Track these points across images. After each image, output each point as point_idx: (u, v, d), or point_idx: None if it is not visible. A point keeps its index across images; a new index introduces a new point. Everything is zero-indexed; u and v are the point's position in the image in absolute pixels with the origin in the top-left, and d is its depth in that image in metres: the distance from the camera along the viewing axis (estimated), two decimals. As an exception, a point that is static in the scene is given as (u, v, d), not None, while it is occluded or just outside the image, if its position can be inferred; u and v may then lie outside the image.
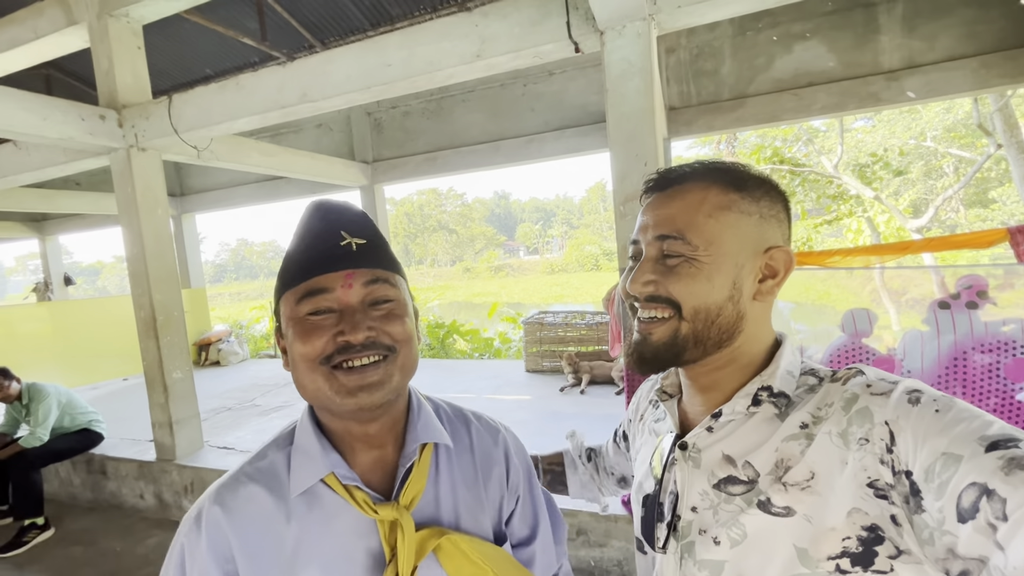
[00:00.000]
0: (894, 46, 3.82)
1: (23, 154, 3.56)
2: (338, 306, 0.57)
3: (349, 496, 0.58)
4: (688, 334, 0.57)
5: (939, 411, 0.46)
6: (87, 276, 44.70)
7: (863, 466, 0.48)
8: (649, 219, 0.60)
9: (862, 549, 0.47)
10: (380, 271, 0.60)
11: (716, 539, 0.55)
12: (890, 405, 0.49)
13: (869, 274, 11.23)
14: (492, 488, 0.68)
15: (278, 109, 2.79)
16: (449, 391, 4.73)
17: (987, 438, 0.43)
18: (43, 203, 6.16)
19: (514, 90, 5.15)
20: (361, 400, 0.56)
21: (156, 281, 3.26)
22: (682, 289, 0.56)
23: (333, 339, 0.56)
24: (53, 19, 3.29)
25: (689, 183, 0.59)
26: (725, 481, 0.57)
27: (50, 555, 3.02)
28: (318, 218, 0.61)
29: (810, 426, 0.53)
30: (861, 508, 0.48)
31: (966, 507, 0.41)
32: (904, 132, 12.03)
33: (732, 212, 0.57)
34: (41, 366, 5.47)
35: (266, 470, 0.61)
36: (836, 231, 12.30)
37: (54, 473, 3.76)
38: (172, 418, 3.32)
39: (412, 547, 0.57)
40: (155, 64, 4.94)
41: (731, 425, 0.59)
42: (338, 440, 0.62)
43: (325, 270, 0.57)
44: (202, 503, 0.58)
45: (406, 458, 0.62)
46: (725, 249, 0.57)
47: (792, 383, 0.58)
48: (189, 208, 7.21)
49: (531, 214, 62.64)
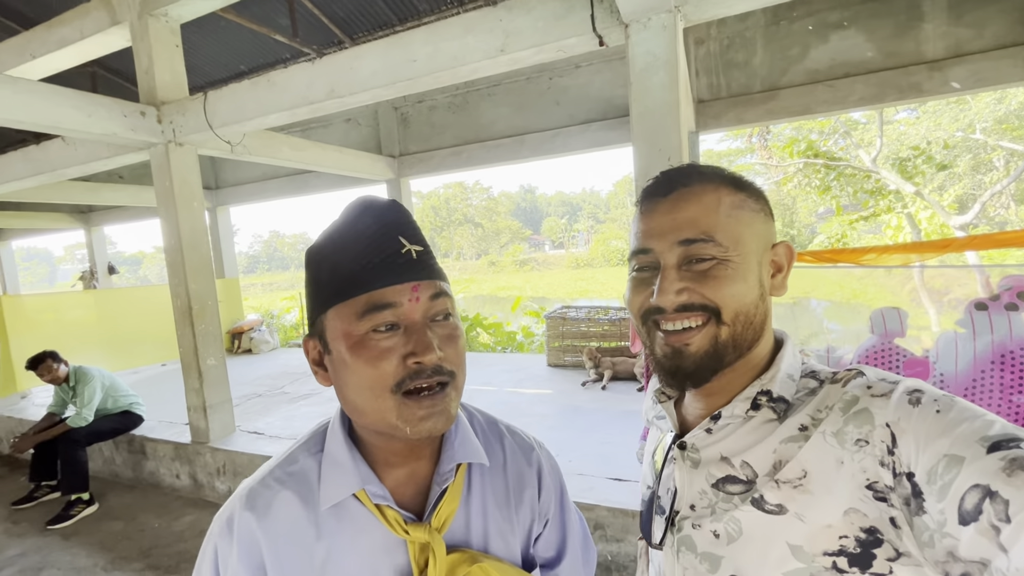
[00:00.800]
0: (939, 34, 3.64)
1: (70, 149, 3.74)
2: (403, 322, 0.53)
3: (380, 514, 0.57)
4: (727, 339, 0.56)
5: (940, 411, 0.46)
6: (130, 265, 46.71)
7: (862, 468, 0.48)
8: (663, 224, 0.57)
9: (860, 550, 0.47)
10: (440, 283, 0.56)
11: (715, 532, 0.56)
12: (891, 406, 0.49)
13: (908, 272, 10.79)
14: (523, 510, 0.66)
15: (307, 105, 2.86)
16: (471, 383, 4.77)
17: (988, 439, 0.42)
18: (89, 195, 6.46)
19: (539, 84, 5.13)
20: (431, 428, 0.53)
21: (192, 271, 3.39)
22: (723, 293, 0.55)
23: (403, 361, 0.52)
24: (98, 20, 3.44)
25: (696, 185, 0.58)
26: (724, 480, 0.57)
27: (94, 528, 3.20)
28: (371, 218, 0.56)
29: (809, 428, 0.53)
30: (859, 509, 0.48)
31: (968, 509, 0.41)
32: (951, 124, 11.44)
33: (745, 210, 0.58)
34: (87, 350, 5.77)
35: (297, 476, 0.59)
36: (874, 228, 11.84)
37: (98, 452, 3.98)
38: (206, 403, 3.46)
39: (442, 571, 0.55)
40: (193, 61, 5.12)
41: (729, 427, 0.59)
42: (370, 452, 0.60)
43: (391, 282, 0.53)
44: (234, 506, 0.57)
45: (441, 477, 0.60)
46: (749, 247, 0.56)
47: (792, 387, 0.58)
48: (224, 201, 7.44)
49: (557, 208, 62.29)
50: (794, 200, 16.73)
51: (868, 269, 2.37)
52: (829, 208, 10.96)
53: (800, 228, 18.71)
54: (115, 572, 2.73)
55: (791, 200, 16.93)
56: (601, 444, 3.05)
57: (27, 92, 2.68)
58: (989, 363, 1.66)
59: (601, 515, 2.35)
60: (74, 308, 6.27)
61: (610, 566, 2.36)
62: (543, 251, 53.08)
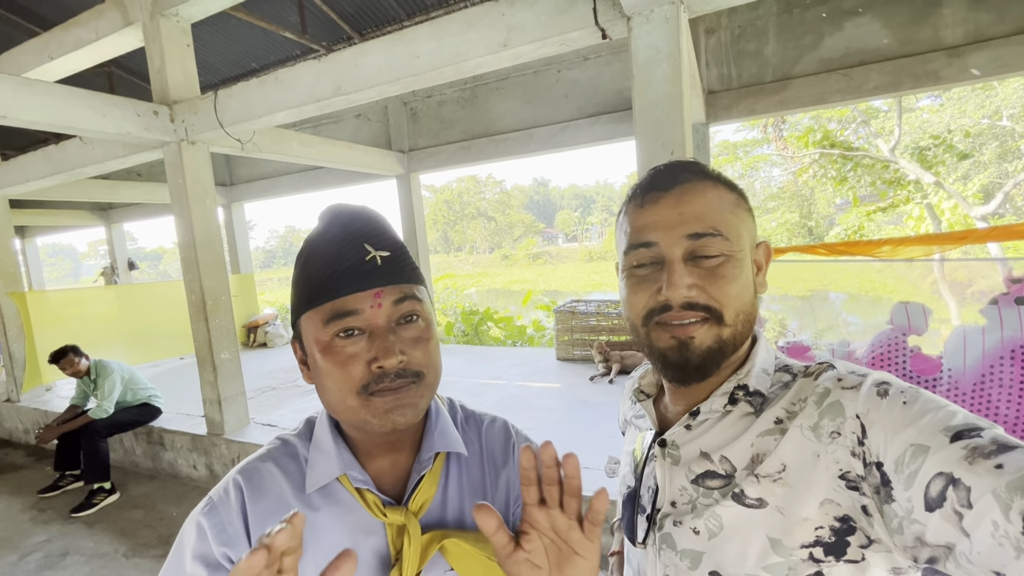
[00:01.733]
0: (957, 19, 3.54)
1: (88, 148, 3.84)
2: (367, 327, 0.56)
3: (360, 497, 0.60)
4: (729, 337, 0.57)
5: (906, 403, 0.47)
6: (150, 261, 47.69)
7: (835, 459, 0.49)
8: (669, 217, 0.56)
9: (835, 539, 0.49)
10: (406, 286, 0.58)
11: (695, 529, 0.56)
12: (860, 398, 0.50)
13: (929, 264, 10.54)
14: (499, 493, 0.69)
15: (314, 102, 2.88)
16: (480, 377, 4.81)
17: (951, 428, 0.44)
18: (108, 193, 6.62)
19: (548, 77, 5.10)
20: (395, 420, 0.56)
21: (205, 267, 3.46)
22: (727, 292, 0.55)
23: (367, 366, 0.55)
24: (112, 20, 3.51)
25: (695, 181, 0.58)
26: (703, 476, 0.58)
27: (115, 516, 3.31)
28: (337, 228, 0.58)
29: (784, 421, 0.54)
30: (833, 499, 0.49)
31: (933, 496, 0.42)
32: (976, 111, 11.08)
33: (741, 209, 0.59)
34: (108, 344, 5.94)
35: (287, 459, 0.63)
36: (895, 218, 11.56)
37: (119, 443, 4.10)
38: (221, 395, 3.54)
39: (417, 551, 0.58)
40: (206, 60, 5.20)
41: (708, 423, 0.60)
42: (355, 443, 0.63)
43: (352, 289, 0.55)
44: (227, 482, 0.61)
45: (420, 465, 0.63)
46: (745, 245, 0.58)
47: (767, 381, 0.59)
48: (238, 197, 7.56)
49: (570, 201, 61.97)
50: (812, 191, 16.40)
51: (888, 261, 2.32)
52: (847, 199, 10.73)
53: (818, 219, 18.36)
54: (135, 558, 2.82)
55: (809, 191, 16.61)
56: (607, 438, 3.06)
57: (44, 94, 2.75)
58: (998, 358, 1.63)
59: (605, 508, 2.36)
60: (96, 303, 6.44)
61: (606, 557, 2.38)
62: (556, 244, 52.92)
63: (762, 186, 19.46)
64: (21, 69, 4.02)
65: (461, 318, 8.23)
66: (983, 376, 1.69)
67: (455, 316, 8.55)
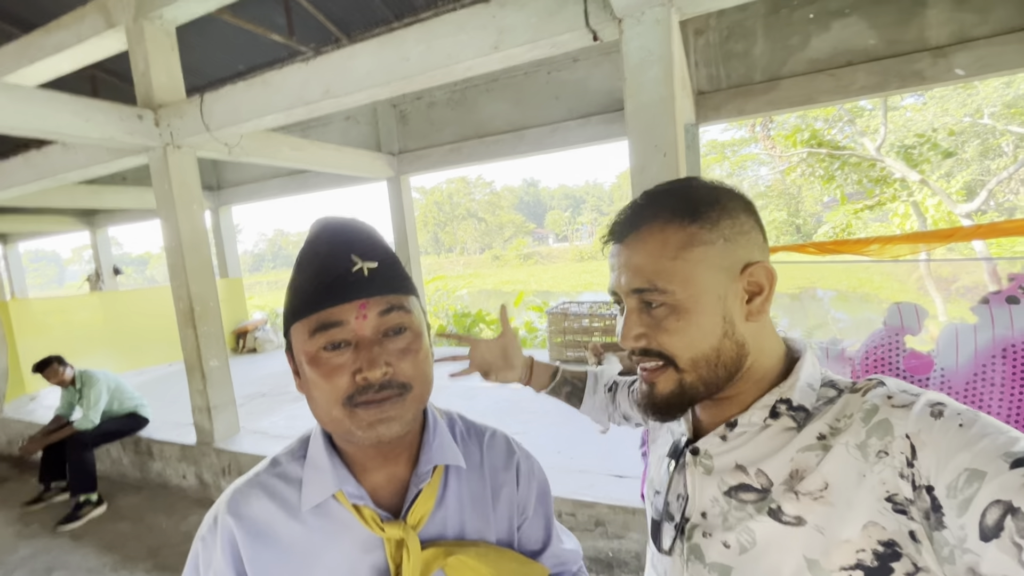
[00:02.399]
0: (942, 20, 3.58)
1: (71, 153, 3.76)
2: (353, 339, 0.56)
3: (357, 513, 0.59)
4: (694, 382, 0.56)
5: (963, 425, 0.45)
6: (136, 266, 47.05)
7: (882, 480, 0.47)
8: (620, 271, 0.59)
9: (878, 564, 0.47)
10: (393, 297, 0.58)
11: (726, 543, 0.55)
12: (911, 418, 0.48)
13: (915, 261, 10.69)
14: (501, 507, 0.69)
15: (303, 105, 2.85)
16: (473, 379, 4.79)
17: (1012, 454, 0.41)
18: (92, 198, 6.50)
19: (538, 78, 5.10)
20: (380, 432, 0.56)
21: (193, 273, 3.41)
22: (676, 342, 0.55)
23: (352, 378, 0.55)
24: (94, 24, 3.45)
25: (644, 228, 0.57)
26: (737, 488, 0.56)
27: (102, 529, 3.24)
28: (325, 240, 0.58)
29: (827, 437, 0.52)
30: (878, 522, 0.47)
31: (990, 525, 0.40)
32: (958, 109, 11.25)
33: (696, 247, 0.55)
34: (94, 352, 5.84)
35: (280, 479, 0.62)
36: (881, 216, 11.71)
37: (106, 453, 4.03)
38: (210, 403, 3.49)
39: (417, 566, 0.58)
40: (191, 63, 5.11)
41: (746, 435, 0.58)
42: (350, 457, 0.63)
43: (337, 301, 0.55)
44: (218, 507, 0.61)
45: (418, 478, 0.63)
46: (703, 286, 0.55)
47: (812, 396, 0.57)
48: (226, 201, 7.47)
49: (560, 201, 62.12)
50: (799, 189, 16.58)
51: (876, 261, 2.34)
52: (834, 197, 10.86)
53: (806, 218, 18.57)
54: (124, 572, 2.76)
55: (796, 189, 16.79)
56: (602, 441, 3.05)
57: (24, 99, 2.69)
58: (990, 357, 1.64)
59: (602, 512, 2.36)
60: (80, 310, 6.34)
61: (611, 562, 2.37)
62: (547, 244, 53.00)
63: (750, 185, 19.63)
64: (0, 73, 3.93)
65: (453, 320, 8.20)
66: (975, 375, 1.70)
67: (447, 318, 8.51)
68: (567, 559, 0.76)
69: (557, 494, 2.43)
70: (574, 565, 0.78)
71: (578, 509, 2.40)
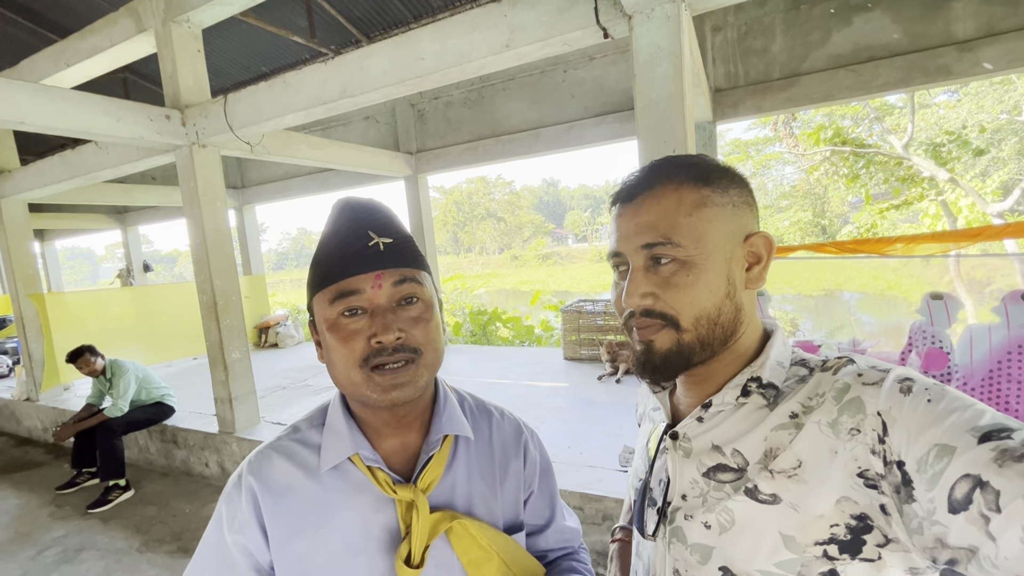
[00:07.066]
0: (969, 13, 3.48)
1: (103, 152, 3.92)
2: (369, 306, 0.61)
3: (371, 475, 0.64)
4: (692, 341, 0.57)
5: (931, 400, 0.46)
6: (166, 263, 48.47)
7: (854, 456, 0.48)
8: (629, 228, 0.59)
9: (850, 537, 0.48)
10: (406, 270, 0.63)
11: (706, 523, 0.56)
12: (882, 395, 0.49)
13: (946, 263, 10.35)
14: (509, 481, 0.73)
15: (321, 105, 2.92)
16: (488, 376, 4.83)
17: (980, 428, 0.43)
18: (123, 196, 6.74)
19: (554, 76, 5.11)
20: (394, 397, 0.61)
21: (216, 268, 3.52)
22: (682, 298, 0.56)
23: (368, 342, 0.60)
24: (125, 28, 3.59)
25: (658, 187, 0.58)
26: (714, 469, 0.57)
27: (130, 513, 3.38)
28: (345, 217, 0.64)
29: (799, 415, 0.53)
30: (851, 497, 0.48)
31: (959, 499, 0.42)
32: (994, 106, 10.85)
33: (708, 207, 0.57)
34: (124, 344, 6.05)
35: (300, 444, 0.68)
36: (910, 216, 11.36)
37: (134, 441, 4.19)
38: (232, 394, 3.60)
39: (426, 527, 0.62)
40: (215, 65, 5.28)
41: (720, 415, 0.59)
42: (366, 424, 0.68)
43: (355, 271, 0.61)
44: (242, 468, 0.66)
45: (429, 446, 0.67)
46: (713, 245, 0.56)
47: (782, 374, 0.58)
48: (249, 200, 7.66)
49: (580, 201, 61.80)
50: (825, 189, 16.17)
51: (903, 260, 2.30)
52: (860, 197, 10.57)
53: (831, 218, 18.09)
54: (149, 553, 2.88)
55: (822, 189, 16.38)
56: (612, 437, 3.06)
57: (60, 100, 2.83)
58: (1006, 354, 1.61)
59: (610, 506, 2.37)
60: (112, 304, 6.57)
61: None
62: (566, 245, 52.81)
63: (774, 184, 19.22)
64: (39, 76, 4.12)
65: (469, 318, 8.26)
66: (991, 371, 1.67)
67: (463, 316, 8.58)
68: (570, 537, 0.81)
69: (566, 487, 2.45)
70: (575, 542, 0.82)
71: (586, 503, 2.41)
